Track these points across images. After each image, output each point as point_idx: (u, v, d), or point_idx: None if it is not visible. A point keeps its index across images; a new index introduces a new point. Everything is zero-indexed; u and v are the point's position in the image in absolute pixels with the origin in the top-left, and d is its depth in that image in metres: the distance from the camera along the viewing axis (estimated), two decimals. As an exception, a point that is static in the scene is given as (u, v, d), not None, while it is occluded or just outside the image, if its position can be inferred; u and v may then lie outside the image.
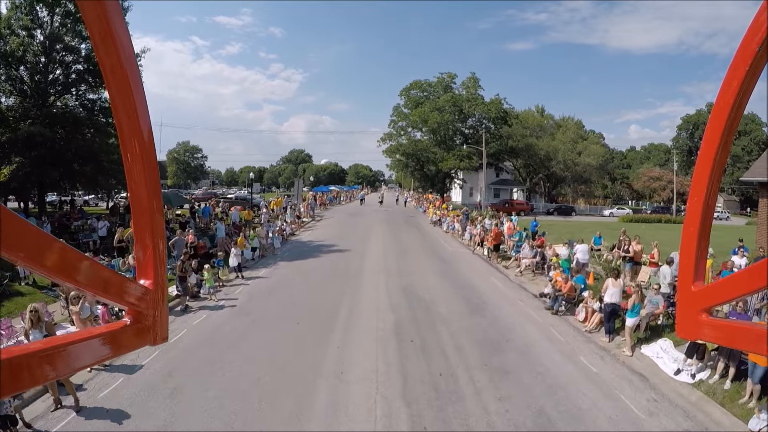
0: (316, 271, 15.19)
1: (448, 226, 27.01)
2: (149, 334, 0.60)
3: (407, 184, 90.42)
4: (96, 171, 23.49)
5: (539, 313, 11.77)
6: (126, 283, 0.56)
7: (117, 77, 0.53)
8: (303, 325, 9.89)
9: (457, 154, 45.86)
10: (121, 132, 0.56)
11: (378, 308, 11.06)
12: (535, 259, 16.49)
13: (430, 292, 12.66)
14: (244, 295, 12.41)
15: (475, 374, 7.78)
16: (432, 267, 16.23)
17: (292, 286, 13.33)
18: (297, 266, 15.95)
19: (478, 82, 48.71)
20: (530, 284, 15.19)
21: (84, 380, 7.65)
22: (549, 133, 56.40)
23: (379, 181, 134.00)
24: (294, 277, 14.40)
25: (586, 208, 59.56)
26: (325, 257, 17.70)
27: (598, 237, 19.93)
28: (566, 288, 12.23)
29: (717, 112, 0.54)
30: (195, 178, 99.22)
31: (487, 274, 15.99)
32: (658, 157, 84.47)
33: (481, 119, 48.80)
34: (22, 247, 0.41)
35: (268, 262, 17.05)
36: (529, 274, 16.44)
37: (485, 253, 19.73)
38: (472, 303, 11.79)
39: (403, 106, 50.51)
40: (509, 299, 12.75)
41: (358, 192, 69.85)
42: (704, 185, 0.56)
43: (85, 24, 0.50)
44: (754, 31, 0.49)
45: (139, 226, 0.59)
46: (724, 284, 0.54)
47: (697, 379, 9.04)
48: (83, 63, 23.20)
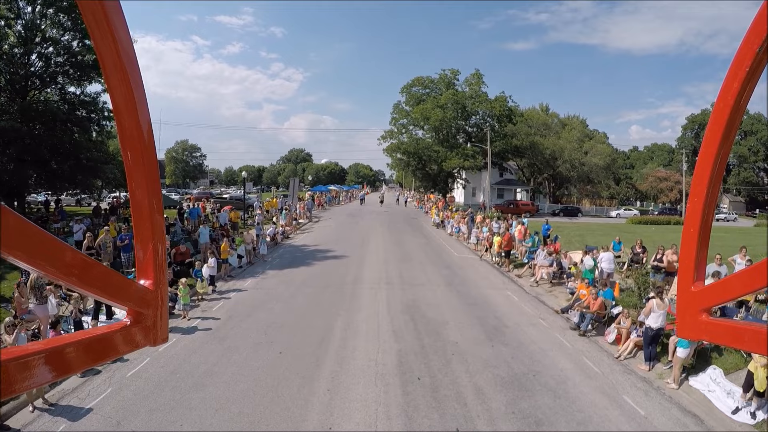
0: (308, 282, 13.50)
1: (452, 229, 25.33)
2: (149, 335, 0.59)
3: (408, 183, 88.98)
4: (75, 169, 21.81)
5: (566, 335, 10.14)
6: (126, 284, 0.56)
7: (117, 77, 0.53)
8: (286, 355, 8.22)
9: (460, 153, 44.10)
10: (121, 131, 0.56)
11: (378, 333, 9.35)
12: (552, 269, 14.84)
13: (438, 310, 10.97)
14: (222, 313, 10.74)
15: (500, 425, 6.14)
16: (438, 276, 14.57)
17: (279, 301, 11.64)
18: (287, 276, 14.27)
19: (481, 78, 46.97)
20: (548, 296, 13.57)
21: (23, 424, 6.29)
22: (554, 131, 54.76)
23: (379, 180, 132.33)
24: (282, 289, 12.71)
25: (591, 208, 57.95)
26: (319, 265, 16.02)
27: (618, 243, 18.19)
28: (596, 305, 10.60)
29: (717, 112, 0.54)
30: (194, 178, 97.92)
31: (500, 284, 14.34)
32: (662, 158, 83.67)
33: (485, 117, 47.04)
34: (22, 247, 0.41)
35: (255, 270, 15.39)
36: (545, 284, 14.82)
37: (494, 259, 18.10)
38: (488, 325, 10.10)
39: (405, 103, 48.77)
40: (529, 317, 11.09)
41: (359, 192, 68.75)
42: (704, 186, 0.56)
43: (86, 24, 0.51)
44: (755, 31, 0.49)
45: (139, 226, 0.59)
46: (724, 284, 0.53)
47: (759, 419, 7.57)
48: (64, 54, 21.53)
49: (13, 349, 0.43)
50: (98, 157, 23.05)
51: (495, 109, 45.08)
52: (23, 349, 0.44)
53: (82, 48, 22.01)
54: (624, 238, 30.11)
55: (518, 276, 15.80)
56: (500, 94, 46.60)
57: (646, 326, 9.63)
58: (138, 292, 0.57)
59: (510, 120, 46.98)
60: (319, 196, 43.70)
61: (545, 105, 62.41)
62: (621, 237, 30.35)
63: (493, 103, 45.48)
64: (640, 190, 70.28)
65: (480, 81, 46.81)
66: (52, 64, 21.82)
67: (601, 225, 40.28)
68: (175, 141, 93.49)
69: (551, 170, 55.05)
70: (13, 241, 0.40)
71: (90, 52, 22.10)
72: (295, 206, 30.41)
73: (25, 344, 0.48)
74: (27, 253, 0.42)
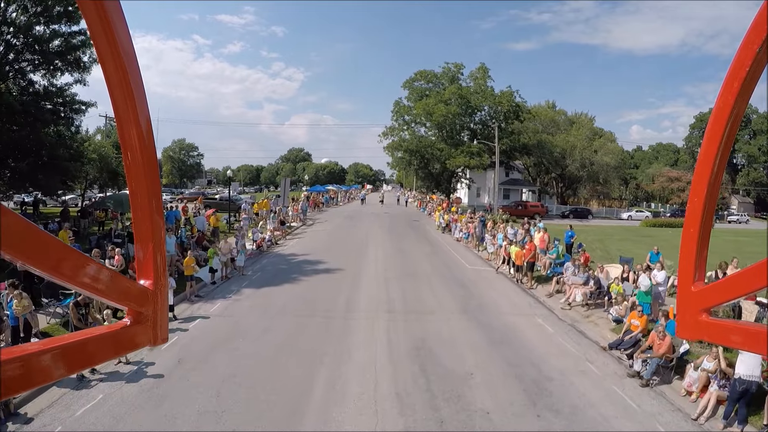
0: (288, 307, 10.85)
1: (460, 234, 22.71)
2: (149, 335, 0.59)
3: (408, 183, 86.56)
4: (34, 168, 19.23)
5: (625, 387, 7.60)
6: (126, 284, 0.55)
7: (117, 77, 0.53)
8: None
9: (466, 151, 41.36)
10: (121, 131, 0.56)
11: (375, 398, 6.62)
12: (589, 288, 12.26)
13: (456, 353, 8.30)
14: (171, 355, 8.12)
15: None
16: (451, 299, 11.92)
17: (249, 337, 9.00)
18: (265, 297, 11.66)
19: (487, 72, 44.28)
20: (586, 324, 11.02)
21: None
22: (562, 129, 52.15)
23: (379, 180, 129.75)
24: (256, 318, 10.07)
25: (601, 210, 55.34)
26: (306, 282, 13.40)
27: (656, 253, 15.41)
28: (664, 347, 8.02)
29: (717, 112, 0.53)
30: (191, 177, 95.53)
31: (526, 308, 11.74)
32: (667, 158, 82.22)
33: (491, 113, 44.31)
34: (22, 247, 0.41)
35: (230, 287, 12.80)
36: (577, 305, 12.27)
37: (511, 272, 15.52)
38: (525, 377, 7.43)
39: (407, 99, 46.09)
40: (574, 359, 8.51)
41: (358, 191, 67.35)
42: (704, 186, 0.56)
43: (86, 24, 0.50)
44: (755, 32, 0.49)
45: (139, 225, 0.58)
46: (724, 284, 0.53)
47: None
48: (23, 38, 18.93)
49: (13, 349, 0.42)
50: (63, 154, 20.45)
51: (502, 104, 42.30)
52: (23, 349, 0.43)
53: (48, 34, 19.47)
54: (645, 243, 27.56)
55: (548, 296, 13.22)
56: (506, 88, 43.76)
57: (737, 376, 7.13)
58: (138, 292, 0.57)
59: (517, 117, 44.19)
60: (315, 197, 41.07)
61: (552, 102, 59.89)
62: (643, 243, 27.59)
63: (499, 98, 42.73)
64: (647, 191, 68.04)
65: (486, 75, 44.14)
66: (12, 51, 19.25)
67: (616, 228, 37.64)
68: (172, 140, 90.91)
69: (560, 170, 52.42)
70: (13, 241, 0.40)
71: (56, 37, 19.66)
72: (286, 208, 27.79)
73: (25, 344, 0.46)
74: (27, 253, 0.42)
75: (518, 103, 44.15)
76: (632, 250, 24.04)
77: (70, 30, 20.00)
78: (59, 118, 20.80)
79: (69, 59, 20.29)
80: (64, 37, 19.82)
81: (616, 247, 25.56)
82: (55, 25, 19.73)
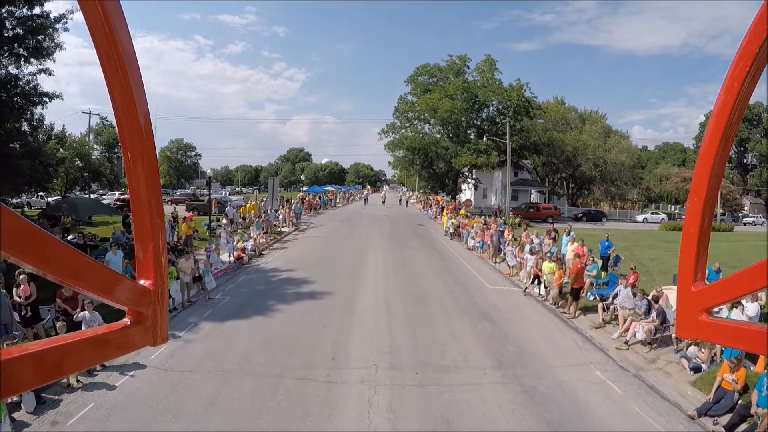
0: (251, 359, 7.67)
1: (474, 243, 19.77)
2: (149, 335, 0.58)
3: (410, 183, 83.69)
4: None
5: None
6: (126, 284, 0.55)
7: (117, 77, 0.52)
8: None
9: (472, 149, 38.35)
10: (121, 131, 0.55)
11: None
12: (654, 322, 9.36)
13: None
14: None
15: None
16: (480, 345, 8.70)
17: (182, 416, 6.06)
18: (225, 339, 8.62)
19: (494, 65, 41.21)
20: (656, 374, 8.18)
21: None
22: (573, 127, 49.10)
23: (380, 180, 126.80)
24: (201, 379, 6.93)
25: (614, 212, 52.33)
26: (284, 312, 10.39)
27: (715, 271, 12.42)
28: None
29: (717, 112, 0.53)
30: (188, 178, 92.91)
31: (577, 352, 8.78)
32: (675, 157, 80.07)
33: (500, 109, 41.26)
34: (23, 247, 0.41)
35: (188, 319, 9.91)
36: (635, 342, 9.41)
37: (542, 292, 12.63)
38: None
39: (410, 94, 43.12)
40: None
41: (358, 192, 65.26)
42: (704, 185, 0.55)
43: (86, 23, 0.50)
44: (755, 32, 0.48)
45: (139, 226, 0.58)
46: (724, 284, 0.53)
47: None
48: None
49: (13, 348, 0.42)
50: (13, 151, 17.65)
51: (512, 98, 39.21)
52: (23, 349, 0.43)
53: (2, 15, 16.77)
54: (669, 249, 24.37)
55: (593, 327, 10.33)
56: (516, 81, 40.64)
57: None
58: (138, 292, 0.56)
59: (527, 113, 41.11)
60: (311, 198, 38.16)
61: (561, 98, 56.79)
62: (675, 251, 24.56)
63: (508, 92, 39.65)
64: (656, 191, 65.26)
65: (493, 68, 41.07)
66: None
67: (636, 232, 34.54)
68: (170, 140, 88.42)
69: (571, 169, 49.39)
70: (14, 241, 0.40)
71: (11, 19, 16.97)
72: (275, 211, 24.87)
73: (25, 344, 0.46)
74: (27, 253, 0.42)
75: (528, 98, 41.08)
76: (667, 259, 20.84)
77: (30, 14, 17.39)
78: (11, 110, 18.01)
79: (28, 44, 17.61)
80: (20, 19, 17.18)
81: (647, 256, 22.47)
82: (10, 7, 17.03)
